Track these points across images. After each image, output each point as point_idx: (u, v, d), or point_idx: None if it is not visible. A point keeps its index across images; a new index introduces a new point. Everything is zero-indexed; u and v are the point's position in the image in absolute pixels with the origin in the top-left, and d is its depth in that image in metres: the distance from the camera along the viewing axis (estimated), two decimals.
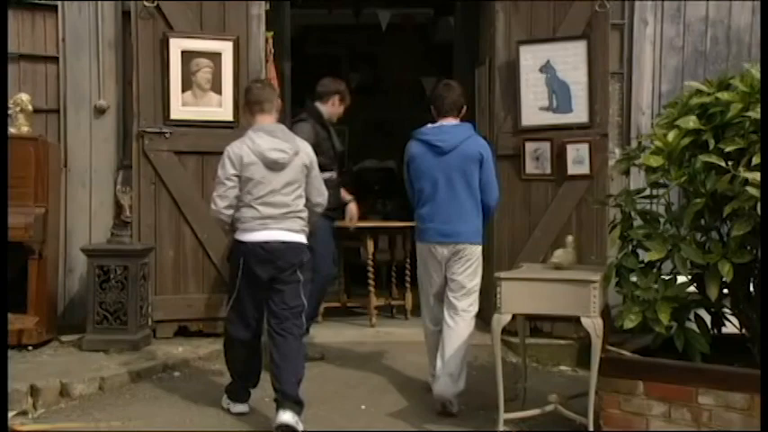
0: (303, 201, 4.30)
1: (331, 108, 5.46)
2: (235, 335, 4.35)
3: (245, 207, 4.18)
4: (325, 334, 6.10)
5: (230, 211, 4.21)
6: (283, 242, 4.17)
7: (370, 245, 6.59)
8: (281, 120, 4.60)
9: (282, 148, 4.20)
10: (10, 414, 4.12)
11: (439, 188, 4.52)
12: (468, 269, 4.53)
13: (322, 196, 4.42)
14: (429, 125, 4.67)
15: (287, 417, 4.04)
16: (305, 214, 4.29)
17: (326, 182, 4.66)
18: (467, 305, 4.53)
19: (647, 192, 4.00)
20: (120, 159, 6.03)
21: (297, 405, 4.11)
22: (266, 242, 4.15)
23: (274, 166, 4.18)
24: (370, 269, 6.56)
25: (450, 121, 4.63)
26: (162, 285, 5.74)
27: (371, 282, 6.55)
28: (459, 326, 4.48)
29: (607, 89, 5.83)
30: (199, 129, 5.76)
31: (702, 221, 3.69)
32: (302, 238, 4.27)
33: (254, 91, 4.38)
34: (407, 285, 6.74)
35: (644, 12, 6.23)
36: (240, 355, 4.39)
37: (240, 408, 4.43)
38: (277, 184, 4.18)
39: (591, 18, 5.73)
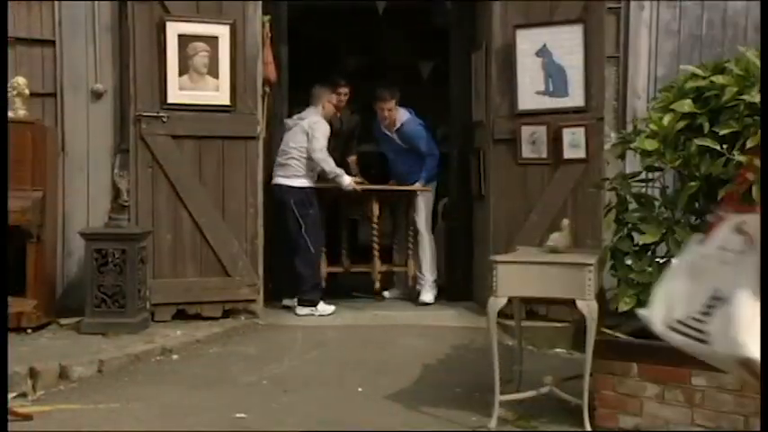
0: (302, 153, 6.24)
1: None
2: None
3: None
4: (324, 316, 6.15)
5: None
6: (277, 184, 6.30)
7: (376, 208, 6.54)
8: (279, 103, 6.46)
9: (291, 118, 6.48)
10: (10, 396, 4.15)
11: None
12: None
13: (315, 154, 6.19)
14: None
15: (297, 308, 6.22)
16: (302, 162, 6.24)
17: None
18: None
19: (643, 175, 4.01)
20: (118, 143, 6.03)
21: (304, 300, 6.18)
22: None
23: (286, 128, 6.44)
24: (375, 233, 6.53)
25: None
26: (160, 269, 5.76)
27: (376, 245, 6.51)
28: None
29: (603, 73, 5.84)
30: (196, 113, 5.77)
31: (697, 205, 3.71)
32: (291, 182, 6.24)
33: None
34: (409, 253, 6.73)
35: None
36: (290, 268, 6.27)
37: (289, 303, 6.35)
38: (286, 140, 6.35)
39: (587, 2, 5.73)
